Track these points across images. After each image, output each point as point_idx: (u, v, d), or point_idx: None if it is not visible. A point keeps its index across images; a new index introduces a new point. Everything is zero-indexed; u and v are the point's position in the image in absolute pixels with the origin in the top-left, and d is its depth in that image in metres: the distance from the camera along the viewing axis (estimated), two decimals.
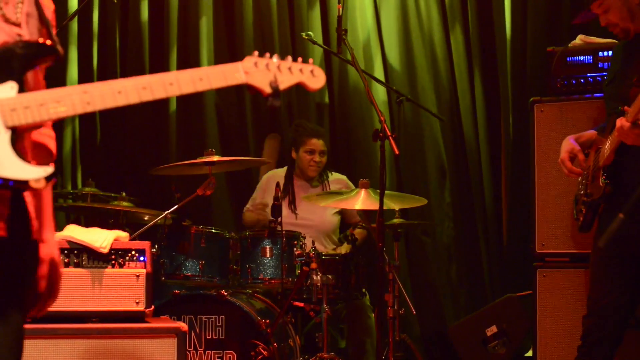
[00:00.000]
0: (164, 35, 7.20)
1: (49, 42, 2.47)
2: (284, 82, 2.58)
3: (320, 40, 6.98)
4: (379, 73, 7.12)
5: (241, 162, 5.80)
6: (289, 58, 2.61)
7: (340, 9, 5.59)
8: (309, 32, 6.14)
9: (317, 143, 6.30)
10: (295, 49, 7.16)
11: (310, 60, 2.66)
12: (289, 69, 2.59)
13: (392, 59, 7.19)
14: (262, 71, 2.55)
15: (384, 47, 7.19)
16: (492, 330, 5.86)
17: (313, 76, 2.63)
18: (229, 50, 7.20)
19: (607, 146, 4.17)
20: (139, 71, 7.01)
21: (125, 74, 7.13)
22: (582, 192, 4.44)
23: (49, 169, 2.39)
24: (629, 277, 4.31)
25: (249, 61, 2.55)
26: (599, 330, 4.36)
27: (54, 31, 2.67)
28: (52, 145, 2.73)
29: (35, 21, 2.58)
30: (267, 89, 2.55)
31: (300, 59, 2.64)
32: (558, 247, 5.25)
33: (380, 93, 7.12)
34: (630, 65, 4.29)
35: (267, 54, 2.60)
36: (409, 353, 5.80)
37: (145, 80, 2.47)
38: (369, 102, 5.45)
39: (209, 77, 2.51)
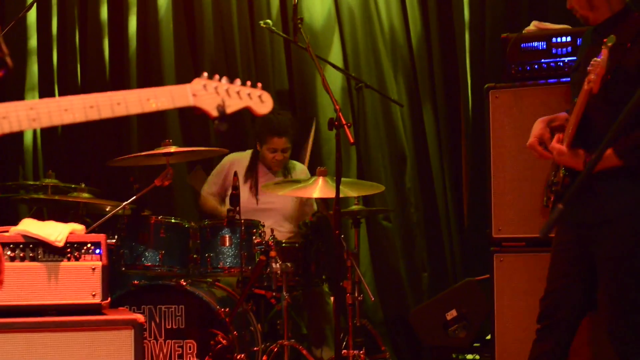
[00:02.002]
0: (124, 31, 7.20)
1: None
2: (232, 106, 2.61)
3: (280, 27, 7.00)
4: (337, 59, 7.13)
5: (199, 152, 5.80)
6: (238, 81, 2.66)
7: None
8: (267, 21, 6.16)
9: (279, 141, 6.25)
10: (255, 38, 7.17)
11: (259, 84, 2.70)
12: (238, 93, 2.63)
13: (351, 45, 7.21)
14: (210, 94, 2.58)
15: (343, 33, 7.20)
16: (452, 314, 5.92)
17: (261, 101, 2.67)
18: (189, 43, 7.20)
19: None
20: (99, 70, 7.05)
21: (86, 73, 7.15)
22: (552, 179, 4.46)
23: None
24: (585, 262, 4.38)
25: (198, 83, 2.58)
26: (554, 313, 4.41)
27: None
28: None
29: None
30: (214, 113, 2.58)
31: (249, 83, 2.68)
32: (514, 231, 5.29)
33: (340, 80, 7.15)
34: (594, 53, 4.34)
35: (216, 76, 2.64)
36: (370, 338, 5.84)
37: (93, 99, 2.49)
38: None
39: (157, 98, 2.54)
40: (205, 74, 2.62)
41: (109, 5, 7.16)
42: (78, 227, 4.56)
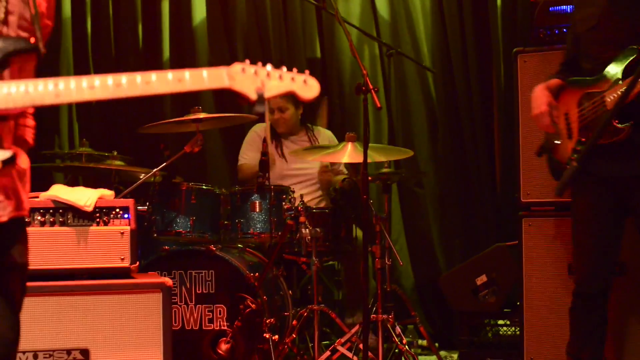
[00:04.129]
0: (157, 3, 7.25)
1: (31, 39, 2.52)
2: (272, 90, 2.56)
3: None
4: (371, 27, 7.14)
5: (228, 119, 5.84)
6: (283, 68, 2.60)
7: None
8: None
9: (273, 101, 6.39)
10: (286, 6, 7.19)
11: (307, 71, 2.66)
12: (279, 77, 2.57)
13: (383, 12, 7.22)
14: (249, 77, 2.55)
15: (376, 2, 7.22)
16: (482, 279, 5.91)
17: (305, 85, 2.61)
18: (221, 12, 7.24)
19: (620, 92, 4.15)
20: (133, 40, 7.12)
21: (119, 43, 7.22)
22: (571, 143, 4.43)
23: (6, 154, 2.47)
24: (620, 220, 4.38)
25: (237, 67, 2.55)
26: (594, 280, 4.42)
27: (49, 24, 2.72)
28: (28, 135, 2.76)
29: (17, 18, 2.60)
30: (252, 96, 2.53)
31: (295, 70, 2.63)
32: (543, 196, 5.28)
33: (372, 47, 7.15)
34: (619, 10, 4.31)
35: (259, 63, 2.60)
36: (400, 303, 5.87)
37: (120, 78, 2.49)
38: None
39: (190, 79, 2.52)
40: (248, 61, 2.59)
41: None
42: (107, 192, 4.62)
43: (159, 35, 7.24)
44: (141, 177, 5.90)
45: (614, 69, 4.24)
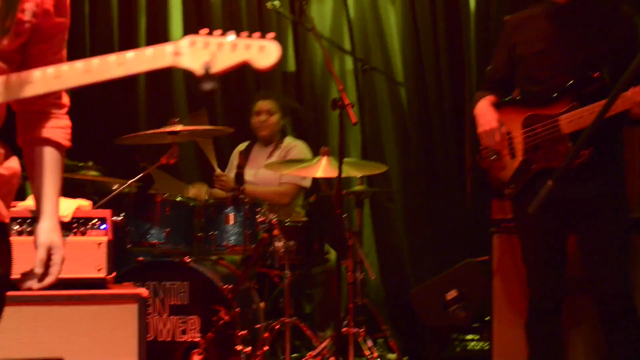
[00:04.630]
0: (132, 8, 7.27)
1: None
2: (223, 62, 2.28)
3: (287, 8, 7.08)
4: (346, 42, 7.22)
5: (205, 132, 5.88)
6: (233, 33, 2.31)
7: None
8: (275, 2, 6.20)
9: (262, 104, 6.58)
10: (262, 20, 7.25)
11: (269, 34, 2.33)
12: (233, 46, 2.28)
13: (357, 27, 7.29)
14: (198, 51, 2.29)
15: (349, 15, 7.28)
16: (452, 294, 5.98)
17: (262, 52, 2.28)
18: (197, 25, 7.27)
19: (583, 114, 4.26)
20: (108, 40, 7.12)
21: (95, 41, 7.23)
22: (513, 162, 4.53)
23: None
24: (564, 241, 4.49)
25: (186, 40, 2.31)
26: (549, 295, 4.52)
27: (60, 21, 2.70)
28: (58, 136, 2.76)
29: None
30: (199, 71, 2.27)
31: (245, 34, 2.32)
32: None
33: (347, 62, 7.23)
34: (567, 36, 4.41)
35: (217, 32, 2.34)
36: (371, 317, 5.92)
37: (57, 69, 2.41)
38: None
39: (130, 61, 2.34)
40: (205, 30, 2.34)
41: None
42: (84, 203, 4.65)
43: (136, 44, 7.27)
44: (115, 187, 5.93)
45: (568, 93, 4.34)
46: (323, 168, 5.54)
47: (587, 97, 4.24)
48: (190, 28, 7.25)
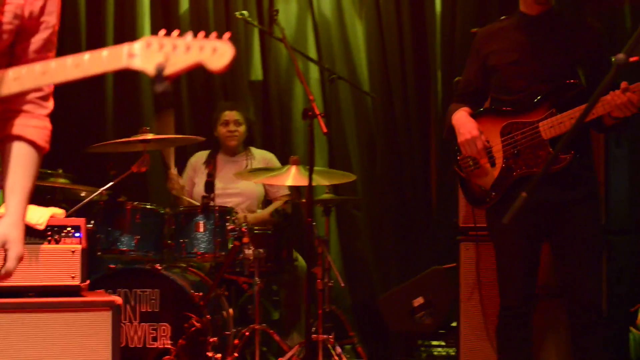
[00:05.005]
0: (101, 18, 7.28)
1: None
2: (176, 64, 2.28)
3: (255, 17, 7.14)
4: (312, 51, 7.28)
5: (175, 140, 5.92)
6: (189, 34, 2.32)
7: None
8: (244, 12, 6.25)
9: (230, 114, 6.62)
10: (231, 28, 7.30)
11: (226, 34, 2.37)
12: (187, 48, 2.29)
13: (326, 37, 7.36)
14: (152, 52, 2.29)
15: (317, 25, 7.35)
16: (418, 301, 6.06)
17: (215, 54, 2.29)
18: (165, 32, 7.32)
19: (563, 120, 4.37)
20: (75, 41, 7.14)
21: (62, 42, 7.22)
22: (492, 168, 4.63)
23: None
24: (539, 245, 4.60)
25: (141, 41, 2.30)
26: (521, 299, 4.62)
27: (47, 20, 2.73)
28: (34, 135, 2.78)
29: None
30: (152, 72, 2.27)
31: (201, 34, 2.34)
32: (481, 221, 5.46)
33: (313, 71, 7.29)
34: (540, 45, 4.53)
35: (174, 32, 2.34)
36: (338, 324, 5.99)
37: (16, 70, 2.44)
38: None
39: (86, 63, 2.35)
40: (163, 31, 2.34)
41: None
42: (58, 211, 4.67)
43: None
44: (83, 194, 5.95)
45: (546, 100, 4.46)
46: (293, 177, 5.61)
47: (565, 103, 4.37)
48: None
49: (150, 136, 5.47)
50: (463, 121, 4.67)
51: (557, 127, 4.38)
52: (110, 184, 5.49)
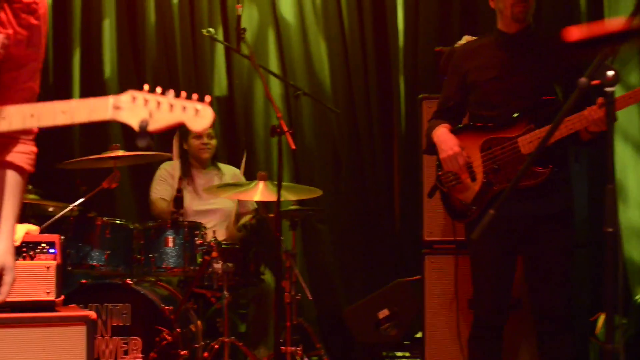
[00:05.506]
0: (67, 35, 7.34)
1: None
2: (160, 121, 2.37)
3: (220, 34, 7.24)
4: (276, 67, 7.38)
5: (144, 157, 6.00)
6: (171, 93, 2.40)
7: (240, 9, 5.82)
8: (210, 29, 6.33)
9: None
10: (196, 46, 7.39)
11: (207, 97, 2.43)
12: (170, 106, 2.37)
13: (288, 54, 7.46)
14: (137, 107, 2.37)
15: (282, 42, 7.45)
16: (384, 313, 6.16)
17: (197, 116, 2.36)
18: (132, 51, 7.40)
19: (541, 135, 4.49)
20: (42, 75, 7.15)
21: None
22: (473, 185, 4.76)
23: None
24: (513, 260, 4.73)
25: (127, 95, 2.40)
26: (494, 314, 4.76)
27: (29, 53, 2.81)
28: (22, 161, 2.87)
29: None
30: (136, 127, 2.36)
31: (183, 94, 2.41)
32: (445, 234, 5.59)
33: (278, 87, 7.38)
34: (520, 62, 4.69)
35: (158, 89, 2.42)
36: (305, 336, 6.08)
37: (6, 110, 2.51)
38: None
39: (73, 110, 2.44)
40: (147, 87, 2.42)
41: (53, 9, 7.29)
42: (33, 228, 4.74)
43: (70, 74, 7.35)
44: (50, 210, 6.01)
45: (524, 116, 4.60)
46: (261, 192, 5.71)
47: (543, 118, 4.50)
48: (124, 55, 7.36)
49: (120, 153, 5.54)
50: (444, 138, 4.79)
51: (535, 142, 4.51)
52: (82, 199, 5.55)
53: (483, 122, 4.76)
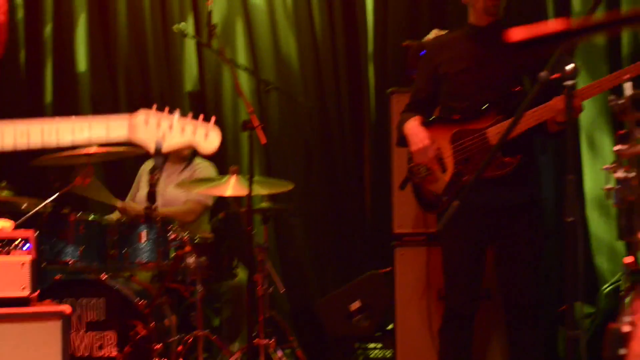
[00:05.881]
0: (39, 29, 7.35)
1: None
2: (172, 142, 2.51)
3: (192, 26, 7.29)
4: (245, 58, 7.43)
5: (118, 153, 6.02)
6: (177, 113, 2.54)
7: (210, 4, 5.86)
8: (181, 25, 6.33)
9: None
10: (167, 41, 7.43)
11: (213, 118, 2.57)
12: (182, 129, 2.52)
13: (261, 49, 7.51)
14: (150, 128, 2.51)
15: (253, 36, 7.50)
16: (355, 305, 6.23)
17: (206, 139, 2.51)
18: (104, 46, 7.43)
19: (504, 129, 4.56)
20: (14, 72, 7.20)
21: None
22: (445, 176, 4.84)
23: None
24: (484, 250, 4.82)
25: (140, 117, 2.52)
26: (465, 303, 4.84)
27: None
28: None
29: None
30: (152, 148, 2.51)
31: (200, 118, 2.55)
32: (415, 227, 5.67)
33: (249, 81, 7.43)
34: (490, 53, 4.76)
35: (166, 109, 2.55)
36: (278, 329, 6.15)
37: (25, 126, 2.59)
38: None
39: (91, 129, 2.53)
40: (155, 106, 2.55)
41: (25, 9, 7.30)
42: (7, 224, 4.76)
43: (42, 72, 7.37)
44: (24, 206, 6.02)
45: (493, 108, 4.68)
46: (232, 186, 5.76)
47: (512, 110, 4.56)
48: (97, 50, 7.39)
49: (93, 149, 5.56)
50: (415, 131, 4.86)
51: (504, 132, 4.57)
52: (56, 195, 5.59)
53: (454, 113, 4.83)
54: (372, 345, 6.34)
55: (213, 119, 2.57)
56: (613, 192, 3.47)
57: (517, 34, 1.85)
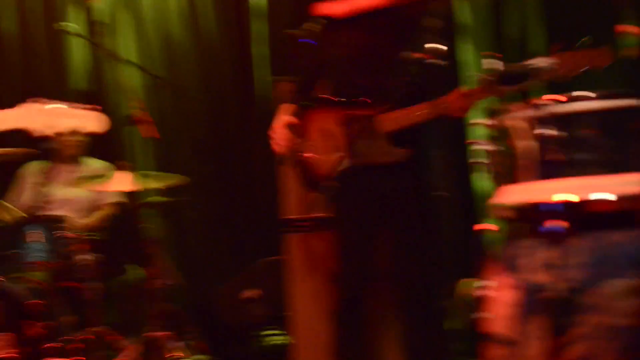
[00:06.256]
0: None
1: None
2: (60, 127, 2.62)
3: (83, 26, 7.26)
4: (135, 56, 7.43)
5: (3, 155, 5.96)
6: (74, 104, 2.72)
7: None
8: (64, 23, 6.32)
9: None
10: (56, 36, 7.39)
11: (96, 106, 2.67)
12: (69, 114, 2.70)
13: (146, 41, 7.52)
14: (41, 116, 2.62)
15: (139, 28, 7.52)
16: (249, 293, 6.29)
17: (94, 122, 2.69)
18: None
19: (399, 115, 4.58)
20: None
21: None
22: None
23: None
24: (377, 235, 4.92)
25: (32, 106, 2.66)
26: (359, 290, 4.93)
27: None
28: None
29: None
30: (41, 133, 2.61)
31: (87, 105, 2.70)
32: (302, 213, 5.74)
33: (137, 76, 7.43)
34: (377, 40, 4.85)
35: (56, 101, 2.64)
36: (176, 320, 6.16)
37: None
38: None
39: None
40: (42, 99, 2.60)
41: None
42: None
43: None
44: None
45: (383, 95, 4.77)
46: (123, 182, 5.76)
47: (402, 99, 4.60)
48: None
49: None
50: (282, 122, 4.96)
51: (393, 121, 4.65)
52: None
53: (343, 99, 4.90)
54: (267, 332, 6.39)
55: (99, 107, 2.62)
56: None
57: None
